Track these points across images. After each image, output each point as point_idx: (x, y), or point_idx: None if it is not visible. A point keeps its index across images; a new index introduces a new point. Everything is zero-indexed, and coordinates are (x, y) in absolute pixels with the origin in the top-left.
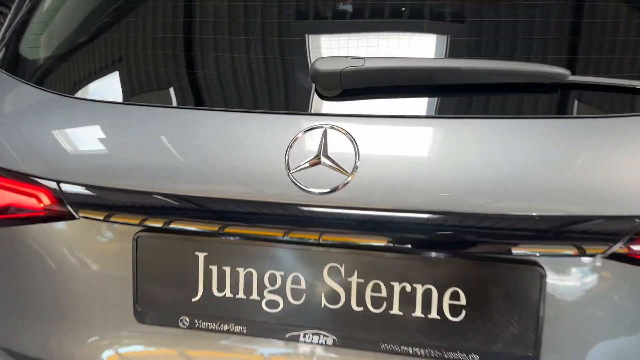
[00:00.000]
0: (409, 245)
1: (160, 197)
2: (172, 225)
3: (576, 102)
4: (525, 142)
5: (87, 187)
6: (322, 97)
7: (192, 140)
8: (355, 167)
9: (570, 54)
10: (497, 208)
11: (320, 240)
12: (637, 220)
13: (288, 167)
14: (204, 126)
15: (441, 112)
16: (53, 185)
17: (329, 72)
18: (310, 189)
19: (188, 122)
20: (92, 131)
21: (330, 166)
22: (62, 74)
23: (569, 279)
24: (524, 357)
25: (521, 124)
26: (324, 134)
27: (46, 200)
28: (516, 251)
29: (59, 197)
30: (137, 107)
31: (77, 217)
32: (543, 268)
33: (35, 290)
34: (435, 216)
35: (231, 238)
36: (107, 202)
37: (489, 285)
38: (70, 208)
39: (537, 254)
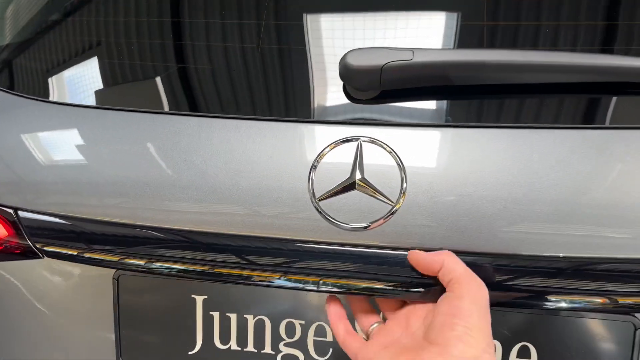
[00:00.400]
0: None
1: (148, 231)
2: (161, 264)
3: None
4: (627, 158)
5: (54, 216)
6: (355, 101)
7: (184, 156)
8: (402, 192)
9: None
10: (591, 250)
11: (354, 285)
12: None
13: (312, 194)
14: (200, 139)
15: (513, 121)
16: (8, 212)
17: (365, 68)
18: (342, 223)
19: (179, 131)
20: (60, 142)
21: (368, 192)
22: (21, 69)
23: None
24: None
25: (620, 135)
26: (359, 149)
27: (1, 232)
28: (599, 300)
29: (17, 228)
30: (117, 113)
31: (42, 256)
32: (638, 320)
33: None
34: (506, 261)
35: (236, 278)
36: (79, 237)
37: (570, 339)
38: (32, 243)
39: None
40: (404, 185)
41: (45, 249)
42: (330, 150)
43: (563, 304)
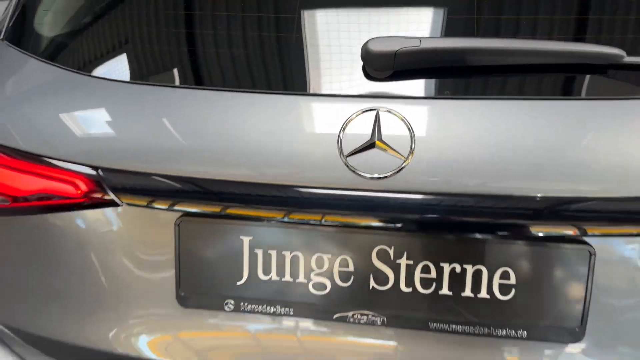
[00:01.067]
0: (461, 228)
1: (206, 183)
2: (217, 211)
3: (632, 83)
4: (584, 123)
5: (130, 173)
6: (373, 79)
7: (240, 124)
8: (411, 150)
9: (624, 34)
10: (556, 191)
11: (371, 224)
12: None
13: (341, 151)
14: (251, 110)
15: (497, 93)
16: (92, 171)
17: (382, 52)
18: (365, 174)
19: (235, 105)
20: (133, 114)
21: (385, 150)
22: (98, 56)
23: (617, 257)
24: (570, 332)
25: (580, 105)
26: (377, 117)
27: (85, 187)
28: (568, 232)
29: (99, 184)
30: (180, 90)
31: (121, 204)
32: (592, 247)
33: (76, 278)
34: (491, 200)
35: (277, 222)
36: (150, 188)
37: (539, 264)
38: (112, 195)
39: (588, 234)
40: (413, 145)
41: (122, 199)
42: (355, 118)
43: (535, 234)
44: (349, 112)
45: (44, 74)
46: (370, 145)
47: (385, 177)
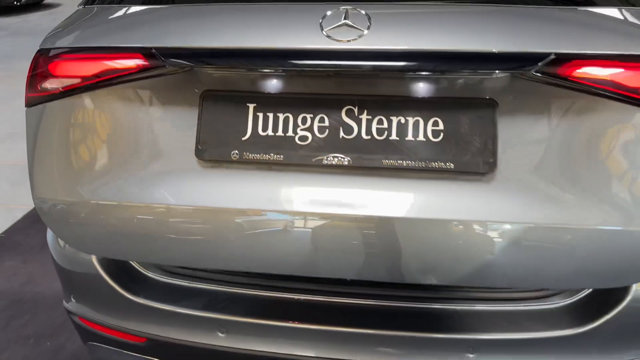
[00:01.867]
0: (405, 88)
1: (224, 52)
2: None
3: None
4: None
5: (177, 49)
6: None
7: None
8: (368, 27)
9: None
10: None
11: (341, 88)
12: (553, 55)
13: (322, 29)
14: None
15: None
16: (147, 51)
17: None
18: (338, 38)
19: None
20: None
21: (351, 27)
22: None
23: (514, 106)
24: (486, 163)
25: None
26: (346, 12)
27: (141, 62)
28: (479, 94)
29: (154, 58)
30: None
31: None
32: (495, 101)
33: (131, 143)
34: (421, 59)
35: (275, 92)
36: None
37: (460, 114)
38: (158, 67)
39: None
40: (369, 24)
41: (166, 71)
42: (332, 13)
43: (456, 93)
44: (329, 9)
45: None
46: (341, 25)
47: (349, 40)
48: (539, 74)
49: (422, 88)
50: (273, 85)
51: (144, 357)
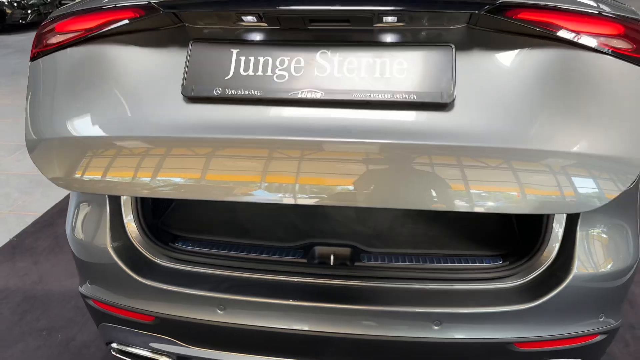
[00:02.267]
0: (370, 33)
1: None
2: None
3: None
4: None
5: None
6: None
7: None
8: None
9: None
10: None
11: (317, 35)
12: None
13: None
14: None
15: None
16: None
17: None
18: None
19: None
20: None
21: None
22: None
23: (470, 50)
24: (445, 92)
25: None
26: None
27: (142, 12)
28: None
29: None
30: None
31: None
32: (453, 45)
33: (129, 83)
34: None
35: (256, 40)
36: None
37: (422, 56)
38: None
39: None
40: None
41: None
42: None
43: (417, 38)
44: None
45: None
46: None
47: None
48: (489, 16)
49: (389, 37)
50: (254, 35)
51: (152, 334)
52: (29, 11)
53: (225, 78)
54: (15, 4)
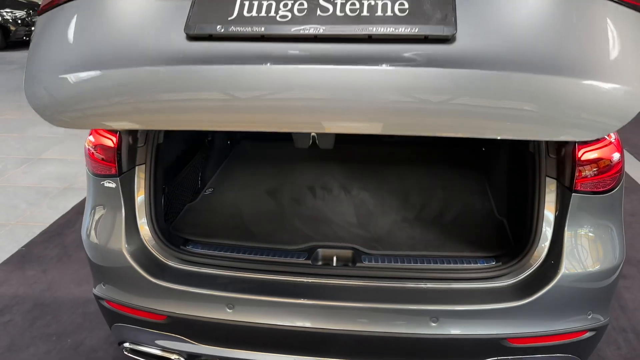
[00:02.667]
0: None
1: None
2: None
3: None
4: None
5: None
6: None
7: None
8: None
9: None
10: None
11: None
12: None
13: None
14: None
15: None
16: None
17: None
18: None
19: None
20: None
21: None
22: None
23: None
24: (447, 27)
25: None
26: None
27: None
28: None
29: None
30: None
31: None
32: None
33: (125, 24)
34: None
35: None
36: None
37: None
38: None
39: None
40: None
41: None
42: None
43: None
44: None
45: None
46: None
47: None
48: None
49: None
50: None
51: (163, 333)
52: (33, 28)
53: (229, 18)
54: (19, 21)
